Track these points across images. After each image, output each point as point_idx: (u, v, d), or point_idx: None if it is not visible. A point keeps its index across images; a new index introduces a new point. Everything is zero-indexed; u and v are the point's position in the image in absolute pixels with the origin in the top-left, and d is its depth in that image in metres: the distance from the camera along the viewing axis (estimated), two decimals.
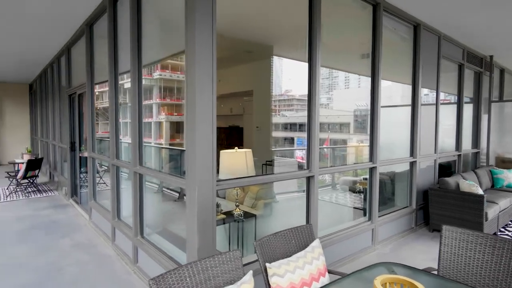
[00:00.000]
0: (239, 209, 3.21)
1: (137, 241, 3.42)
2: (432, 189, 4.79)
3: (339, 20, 4.03)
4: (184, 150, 5.04)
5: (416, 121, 4.79)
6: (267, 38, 5.67)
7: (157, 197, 4.96)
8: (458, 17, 4.51)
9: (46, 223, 5.14)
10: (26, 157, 7.96)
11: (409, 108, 4.87)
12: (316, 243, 2.05)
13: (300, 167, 7.35)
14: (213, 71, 2.38)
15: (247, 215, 3.40)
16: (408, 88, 4.87)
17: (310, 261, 1.89)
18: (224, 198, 4.02)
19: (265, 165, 6.45)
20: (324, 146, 6.80)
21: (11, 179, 7.41)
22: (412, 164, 4.85)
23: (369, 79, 4.15)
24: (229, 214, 3.30)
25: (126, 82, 4.11)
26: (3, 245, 4.25)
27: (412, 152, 4.81)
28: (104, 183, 5.73)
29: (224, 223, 3.33)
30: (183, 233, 3.65)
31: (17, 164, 8.19)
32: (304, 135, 3.47)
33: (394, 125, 4.83)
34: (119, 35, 3.93)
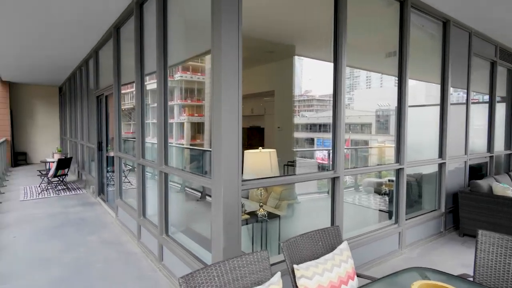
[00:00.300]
0: (263, 210, 3.19)
1: (162, 240, 3.48)
2: (462, 192, 4.60)
3: (364, 18, 3.94)
4: (206, 150, 5.09)
5: (445, 121, 4.61)
6: (289, 37, 5.65)
7: (180, 196, 5.04)
8: (491, 11, 4.30)
9: (75, 220, 5.34)
10: (57, 156, 8.31)
11: (435, 108, 4.70)
12: (344, 245, 2.01)
13: (321, 168, 7.28)
14: (239, 70, 2.38)
15: (270, 216, 3.38)
16: (434, 87, 4.71)
17: (339, 264, 1.85)
18: (247, 198, 4.03)
19: (286, 165, 6.42)
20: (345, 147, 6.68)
21: (42, 177, 7.76)
22: (441, 165, 4.68)
23: (393, 78, 4.05)
24: (252, 214, 3.29)
25: (149, 83, 4.21)
26: (37, 240, 4.45)
27: (441, 153, 4.64)
28: (129, 182, 5.88)
29: (247, 224, 3.33)
30: (206, 232, 3.69)
31: (48, 163, 8.57)
32: (324, 135, 3.42)
33: (420, 125, 4.68)
34: (145, 36, 4.02)
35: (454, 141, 4.85)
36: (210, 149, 2.50)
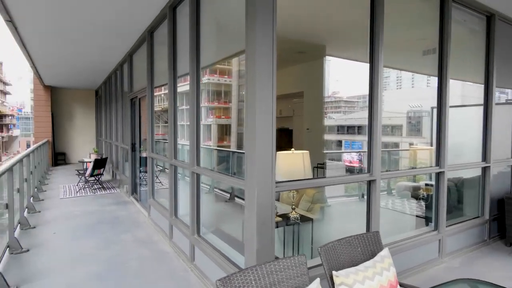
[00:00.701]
0: (295, 212, 3.13)
1: (194, 240, 3.50)
2: (509, 198, 4.27)
3: (400, 14, 3.78)
4: (234, 152, 5.10)
5: (490, 123, 4.32)
6: (319, 37, 5.54)
7: (209, 197, 5.09)
8: None
9: (110, 219, 5.53)
10: (93, 157, 8.69)
11: (476, 109, 4.41)
12: (385, 252, 1.90)
13: (349, 170, 7.08)
14: (273, 71, 2.35)
15: (303, 219, 3.31)
16: (472, 86, 4.43)
17: (380, 272, 1.75)
18: (278, 200, 3.98)
19: (316, 167, 6.29)
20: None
21: (80, 177, 8.14)
22: (485, 169, 4.38)
23: (425, 78, 3.86)
24: (284, 217, 3.23)
25: (179, 86, 4.29)
26: (76, 237, 4.65)
27: (485, 157, 4.34)
28: (160, 182, 6.02)
29: (277, 226, 3.28)
30: (236, 234, 3.68)
31: (85, 163, 8.98)
32: (353, 137, 3.30)
33: (459, 126, 4.41)
34: (178, 39, 4.10)
35: (498, 143, 4.53)
36: (238, 151, 2.48)
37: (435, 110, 4.65)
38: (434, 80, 3.88)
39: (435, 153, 3.81)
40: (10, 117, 56.76)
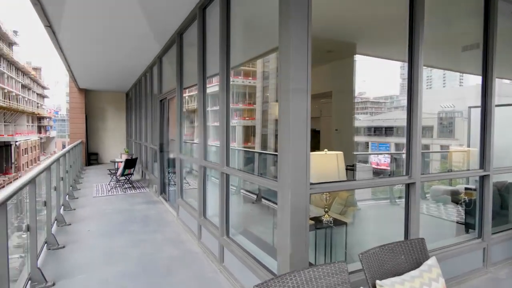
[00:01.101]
0: (328, 216, 3.01)
1: (223, 241, 3.47)
2: None
3: (439, 8, 3.56)
4: (260, 153, 5.02)
5: None
6: (350, 35, 5.37)
7: (236, 198, 5.06)
8: None
9: (140, 217, 5.64)
10: (124, 157, 8.94)
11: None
12: (432, 261, 1.76)
13: (376, 173, 6.83)
14: (308, 70, 2.28)
15: (336, 222, 3.18)
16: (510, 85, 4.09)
17: (428, 283, 1.62)
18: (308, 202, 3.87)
19: (346, 169, 6.10)
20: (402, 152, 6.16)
21: (112, 176, 8.40)
22: None
23: (457, 77, 3.60)
24: (316, 220, 3.13)
25: (208, 87, 4.30)
26: (108, 235, 4.77)
27: None
28: (187, 182, 6.07)
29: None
30: (265, 236, 3.61)
31: (116, 163, 9.27)
32: (384, 139, 3.13)
33: (499, 127, 4.11)
34: (208, 38, 4.10)
35: None
36: (263, 152, 2.42)
37: (473, 110, 4.36)
38: (469, 79, 3.63)
39: (478, 155, 3.55)
40: (47, 119, 60.12)
